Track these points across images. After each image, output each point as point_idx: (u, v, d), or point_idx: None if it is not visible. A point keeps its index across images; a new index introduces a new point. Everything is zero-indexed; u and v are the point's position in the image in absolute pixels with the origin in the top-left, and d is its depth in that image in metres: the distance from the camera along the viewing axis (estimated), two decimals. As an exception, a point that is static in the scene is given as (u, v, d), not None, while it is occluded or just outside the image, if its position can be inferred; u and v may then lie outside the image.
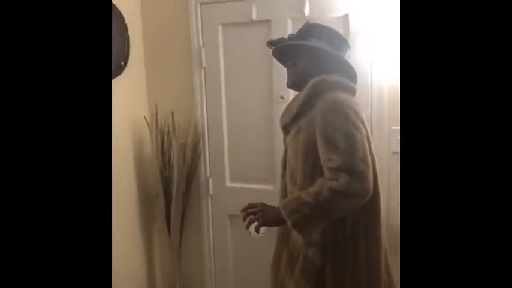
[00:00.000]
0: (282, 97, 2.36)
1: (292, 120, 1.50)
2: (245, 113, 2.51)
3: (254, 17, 2.39)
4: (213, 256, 2.73)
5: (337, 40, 1.55)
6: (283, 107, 1.66)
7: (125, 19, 2.48)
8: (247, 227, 1.46)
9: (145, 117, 2.62)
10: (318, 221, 1.38)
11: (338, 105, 1.38)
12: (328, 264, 1.44)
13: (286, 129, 1.55)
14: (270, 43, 1.59)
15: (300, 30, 1.57)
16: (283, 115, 1.57)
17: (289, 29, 2.30)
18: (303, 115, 1.46)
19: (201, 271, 2.74)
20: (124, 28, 2.49)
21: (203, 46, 2.54)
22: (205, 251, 2.72)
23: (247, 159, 2.56)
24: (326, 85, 1.44)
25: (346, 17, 2.18)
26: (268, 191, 2.44)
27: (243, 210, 1.50)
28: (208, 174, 2.65)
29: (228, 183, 2.63)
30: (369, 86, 2.15)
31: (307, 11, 2.24)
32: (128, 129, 2.55)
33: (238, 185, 2.59)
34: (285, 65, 1.62)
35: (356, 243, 1.45)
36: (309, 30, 1.55)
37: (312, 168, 1.41)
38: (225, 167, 2.62)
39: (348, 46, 1.59)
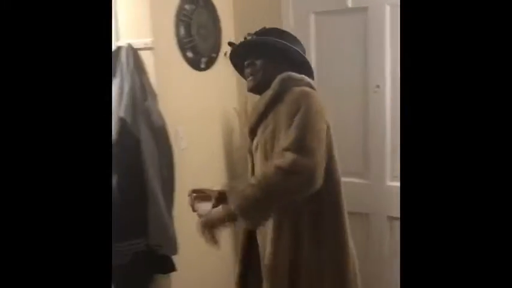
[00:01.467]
0: (377, 86, 2.24)
1: (259, 119, 1.44)
2: (339, 104, 2.41)
3: (349, 4, 2.28)
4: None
5: (294, 41, 1.54)
6: (379, 97, 1.56)
7: (217, 10, 2.50)
8: (194, 207, 1.53)
9: (235, 108, 2.64)
10: (263, 205, 1.29)
11: (305, 96, 1.35)
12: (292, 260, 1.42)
13: (253, 132, 1.48)
14: (229, 44, 1.59)
15: (258, 32, 1.55)
16: (249, 117, 1.52)
17: (387, 17, 2.16)
18: (270, 111, 1.41)
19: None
20: (216, 19, 2.51)
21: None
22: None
23: (341, 153, 2.47)
24: (293, 81, 1.41)
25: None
26: (362, 185, 2.37)
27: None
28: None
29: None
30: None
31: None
32: (218, 119, 2.59)
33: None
34: (242, 67, 1.56)
35: (318, 233, 1.42)
36: (267, 32, 1.54)
37: None
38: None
39: (304, 49, 1.56)
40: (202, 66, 2.44)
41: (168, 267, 2.21)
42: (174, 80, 2.29)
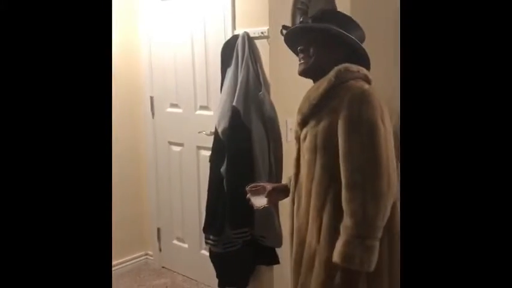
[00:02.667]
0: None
1: (311, 111, 1.38)
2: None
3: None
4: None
5: (353, 27, 1.42)
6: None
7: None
8: (250, 199, 1.61)
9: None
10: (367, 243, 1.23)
11: (366, 96, 1.28)
12: None
13: (304, 121, 1.42)
14: (283, 27, 1.52)
15: (314, 15, 1.46)
16: (301, 107, 1.44)
17: None
18: (324, 105, 1.35)
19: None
20: (333, 7, 2.40)
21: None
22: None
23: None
24: (349, 73, 1.35)
25: None
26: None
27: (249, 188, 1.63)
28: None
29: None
30: None
31: None
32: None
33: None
34: (295, 52, 1.49)
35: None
36: (323, 16, 1.46)
37: (330, 160, 1.30)
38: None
39: (363, 34, 1.46)
40: (317, 56, 2.35)
41: (271, 259, 2.19)
42: (287, 70, 2.24)
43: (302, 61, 1.43)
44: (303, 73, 1.44)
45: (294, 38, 1.49)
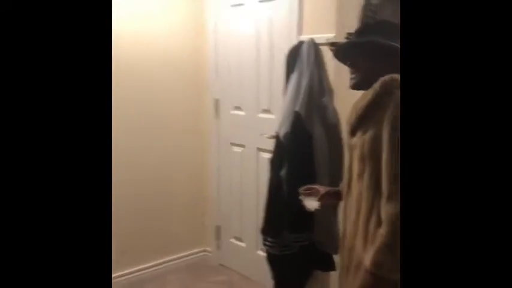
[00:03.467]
0: None
1: (359, 121, 1.41)
2: None
3: None
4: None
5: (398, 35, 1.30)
6: None
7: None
8: (302, 201, 1.69)
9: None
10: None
11: None
12: None
13: (352, 131, 1.46)
14: (332, 44, 1.56)
15: (357, 29, 1.52)
16: (349, 117, 1.49)
17: None
18: (370, 116, 1.37)
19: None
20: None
21: None
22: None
23: None
24: (395, 82, 1.33)
25: None
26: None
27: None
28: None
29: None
30: None
31: None
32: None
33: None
34: (347, 66, 1.53)
35: None
36: (365, 29, 1.51)
37: (376, 170, 1.32)
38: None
39: None
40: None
41: (328, 265, 2.19)
42: (351, 76, 2.24)
43: (352, 75, 1.47)
44: (354, 88, 1.49)
45: (342, 53, 1.55)
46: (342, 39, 1.67)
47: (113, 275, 2.70)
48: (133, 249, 2.81)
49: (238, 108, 2.82)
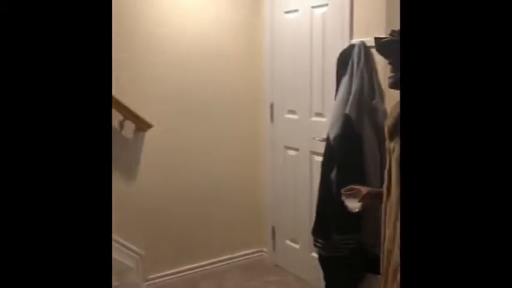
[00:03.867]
0: None
1: (396, 123, 1.39)
2: None
3: None
4: None
5: None
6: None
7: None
8: (344, 201, 1.68)
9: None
10: None
11: None
12: None
13: (390, 135, 1.44)
14: (376, 39, 1.53)
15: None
16: (386, 121, 1.47)
17: None
18: None
19: None
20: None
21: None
22: None
23: None
24: None
25: None
26: None
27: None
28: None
29: None
30: None
31: None
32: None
33: None
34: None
35: None
36: None
37: None
38: None
39: None
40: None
41: (379, 267, 2.18)
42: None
43: (391, 74, 1.44)
44: (391, 87, 1.46)
45: (384, 49, 1.52)
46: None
47: (170, 272, 2.88)
48: (192, 248, 2.96)
49: (292, 112, 2.88)
